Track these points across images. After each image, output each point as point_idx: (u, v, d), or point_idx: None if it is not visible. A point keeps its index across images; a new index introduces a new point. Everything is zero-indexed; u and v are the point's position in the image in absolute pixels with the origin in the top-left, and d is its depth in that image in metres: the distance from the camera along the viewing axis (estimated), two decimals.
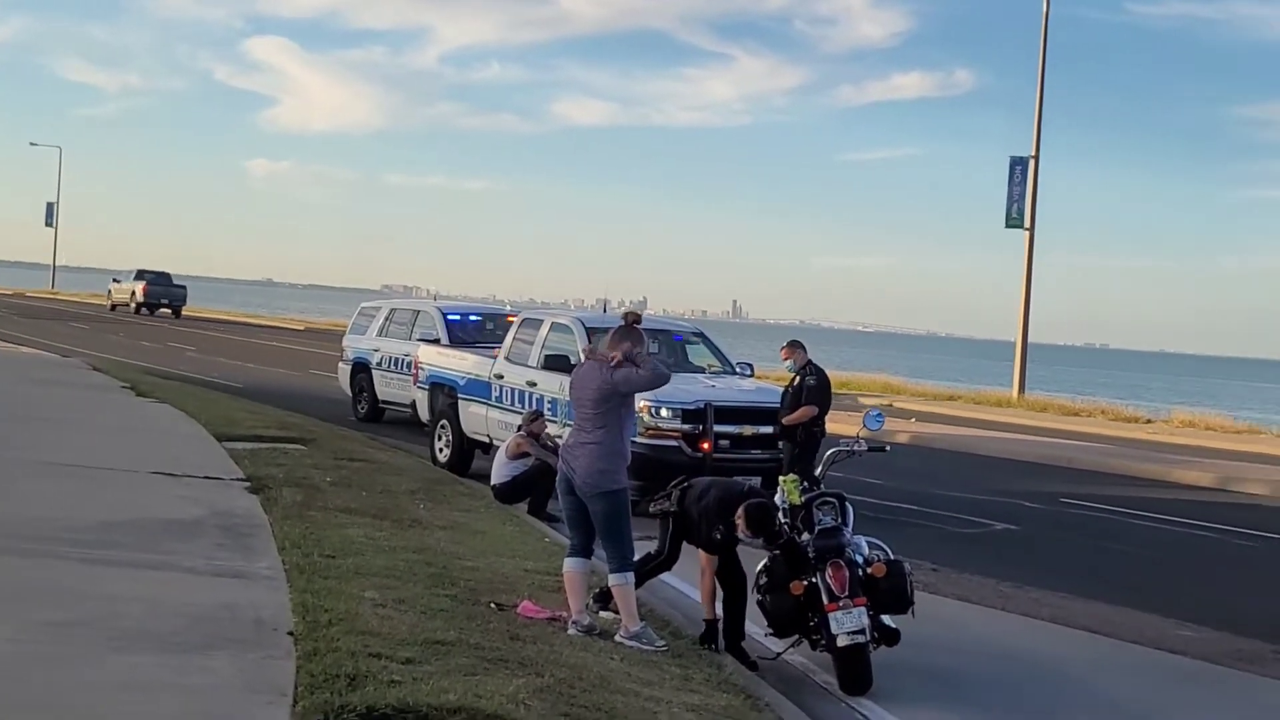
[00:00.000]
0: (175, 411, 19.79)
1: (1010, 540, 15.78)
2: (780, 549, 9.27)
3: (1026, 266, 42.66)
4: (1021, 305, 43.06)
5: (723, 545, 9.29)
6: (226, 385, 28.96)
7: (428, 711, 6.49)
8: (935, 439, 28.16)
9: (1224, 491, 22.41)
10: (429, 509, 13.24)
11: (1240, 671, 10.16)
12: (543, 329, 17.65)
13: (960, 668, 9.76)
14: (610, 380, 8.92)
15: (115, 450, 15.02)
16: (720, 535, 9.20)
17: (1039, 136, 42.12)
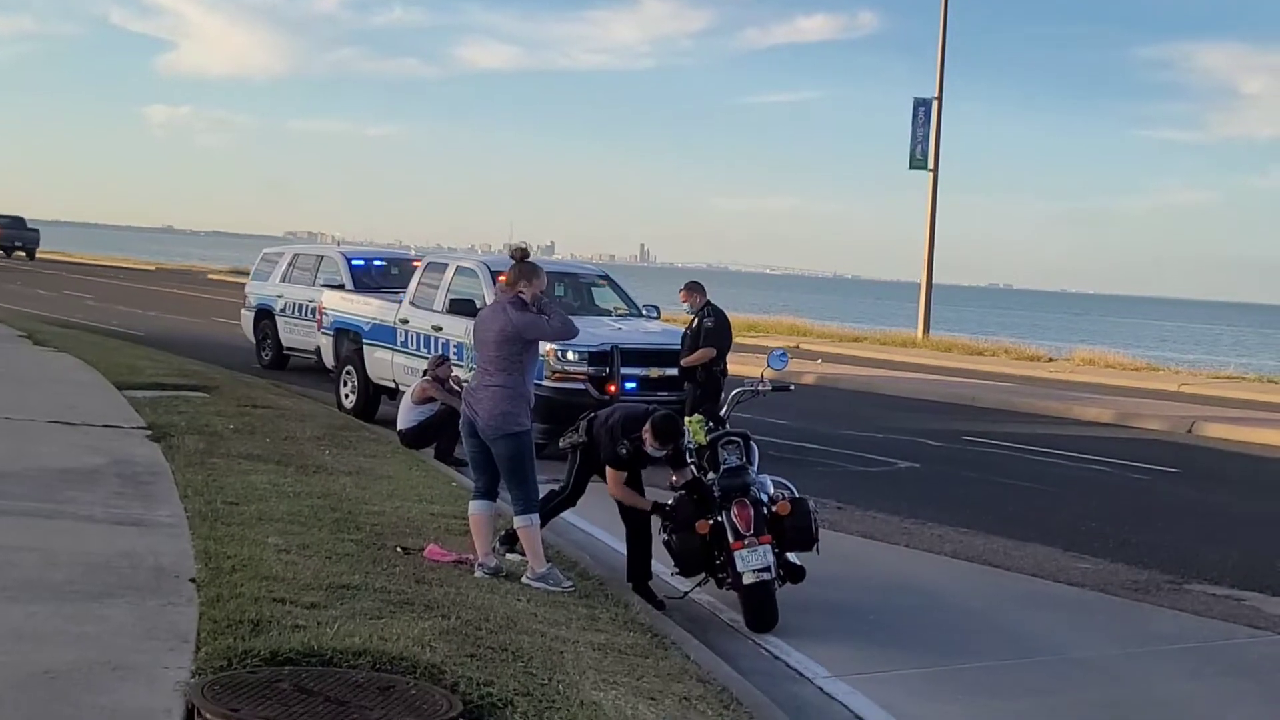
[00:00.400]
0: (74, 360, 19.47)
1: (913, 478, 15.96)
2: (685, 486, 9.32)
3: (930, 208, 42.97)
4: (925, 246, 43.40)
5: (628, 462, 9.28)
6: (126, 333, 28.53)
7: (332, 655, 6.46)
8: (841, 380, 28.38)
9: (1122, 427, 22.79)
10: (334, 455, 13.14)
11: (1135, 601, 10.36)
12: (448, 273, 17.54)
13: (864, 603, 9.87)
14: (513, 324, 8.88)
15: (10, 399, 14.75)
16: (625, 450, 9.21)
17: (942, 78, 42.38)
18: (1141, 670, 8.62)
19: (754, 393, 10.60)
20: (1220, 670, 8.71)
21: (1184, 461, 18.58)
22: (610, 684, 6.72)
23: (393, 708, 5.82)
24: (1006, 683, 8.16)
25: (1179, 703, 8.00)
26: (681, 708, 6.57)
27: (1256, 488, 16.65)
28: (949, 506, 13.87)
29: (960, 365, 34.89)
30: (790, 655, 8.45)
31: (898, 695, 7.74)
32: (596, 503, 10.18)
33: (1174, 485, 16.53)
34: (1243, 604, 10.39)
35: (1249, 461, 19.27)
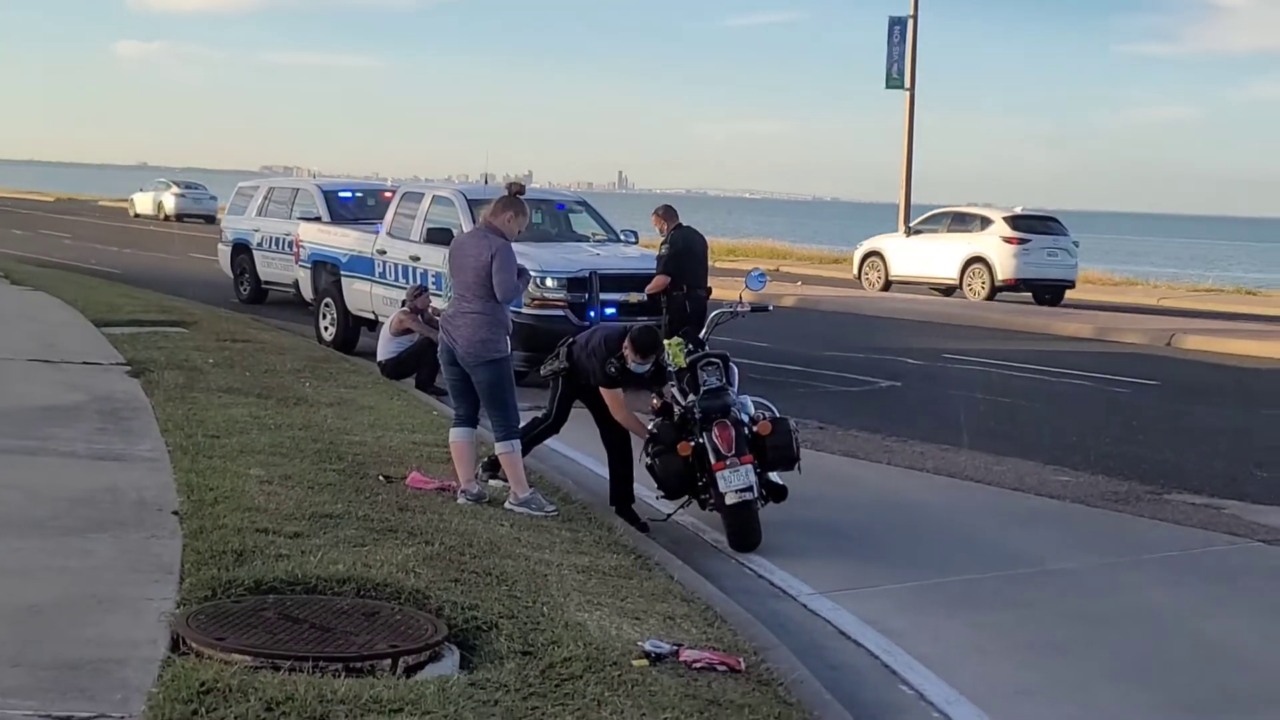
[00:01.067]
0: (52, 299, 19.39)
1: (894, 396, 16.01)
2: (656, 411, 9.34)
3: (907, 127, 42.75)
4: (904, 167, 43.22)
5: (618, 380, 9.29)
6: (105, 272, 28.40)
7: (316, 583, 6.49)
8: (821, 301, 28.40)
9: (1102, 341, 22.87)
10: (315, 387, 13.13)
11: (1115, 512, 10.43)
12: (424, 203, 17.44)
13: (847, 521, 9.93)
14: (493, 251, 8.84)
15: None
16: (614, 369, 9.22)
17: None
18: (1121, 579, 8.69)
19: (733, 314, 10.59)
20: (1200, 577, 8.79)
21: (1163, 374, 18.67)
22: (594, 605, 6.76)
23: (377, 632, 5.85)
24: (987, 595, 8.23)
25: (1158, 610, 8.07)
26: (666, 626, 6.62)
27: (1235, 398, 16.74)
28: (930, 424, 13.93)
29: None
30: (773, 573, 8.50)
31: (880, 610, 7.80)
32: (579, 427, 10.19)
33: (1153, 398, 16.61)
34: (1222, 512, 10.48)
35: (1227, 372, 19.37)
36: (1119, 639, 7.48)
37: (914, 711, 6.35)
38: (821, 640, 7.30)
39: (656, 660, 6.01)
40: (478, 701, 5.21)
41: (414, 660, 5.65)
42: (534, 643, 6.01)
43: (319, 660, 5.45)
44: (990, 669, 6.94)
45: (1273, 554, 9.36)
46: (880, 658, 7.04)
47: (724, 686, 5.81)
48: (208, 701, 4.95)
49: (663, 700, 5.50)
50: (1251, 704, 6.56)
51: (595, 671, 5.71)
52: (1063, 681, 6.76)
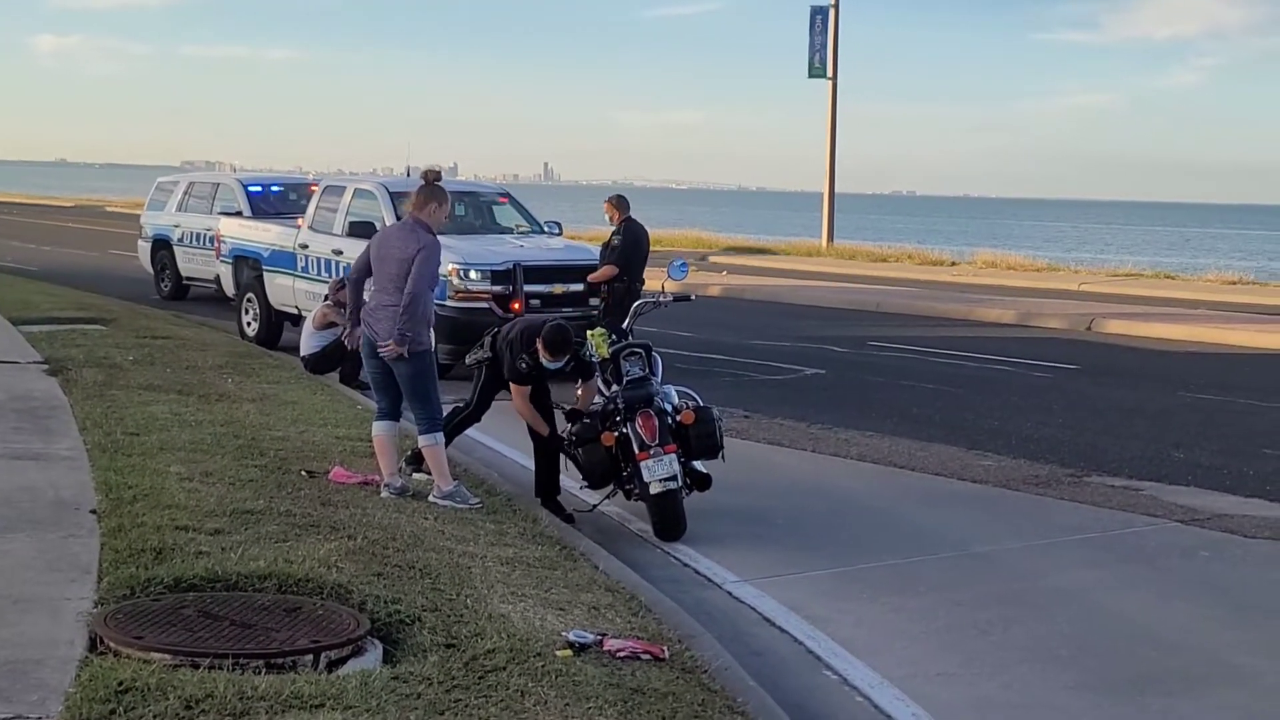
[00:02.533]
0: None
1: (820, 384, 16.09)
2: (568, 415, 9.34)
3: (830, 116, 43.04)
4: (827, 156, 43.53)
5: (528, 376, 9.26)
6: (21, 269, 27.99)
7: (237, 579, 6.45)
8: (746, 290, 28.50)
9: (1023, 327, 23.10)
10: (237, 383, 13.03)
11: (1036, 495, 10.55)
12: (346, 196, 17.32)
13: (772, 508, 9.96)
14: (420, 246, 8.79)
15: None
16: (525, 364, 9.19)
17: None
18: (1042, 561, 8.79)
19: (655, 304, 10.62)
20: (1118, 558, 8.90)
21: (1084, 358, 18.88)
22: (518, 596, 6.76)
23: (299, 628, 5.82)
24: (911, 579, 8.29)
25: (1078, 591, 8.17)
26: (590, 616, 6.62)
27: (1153, 380, 16.94)
28: (855, 411, 14.02)
29: (864, 272, 35.14)
30: (699, 562, 8.53)
31: (804, 596, 7.85)
32: (504, 420, 10.18)
33: (1074, 381, 16.79)
34: (1140, 494, 10.62)
35: (1146, 355, 19.61)
36: (1039, 620, 7.57)
37: (837, 696, 6.39)
38: (746, 627, 7.34)
39: (580, 650, 6.01)
40: (400, 695, 5.19)
41: (336, 655, 5.63)
42: (457, 635, 6.00)
43: (239, 657, 5.42)
44: (912, 652, 7.00)
45: (1189, 534, 9.50)
46: (804, 643, 7.08)
47: (648, 675, 5.83)
48: (126, 701, 4.90)
49: (586, 690, 5.51)
50: (1169, 682, 6.64)
51: (519, 663, 5.71)
52: (984, 663, 6.83)
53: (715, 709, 5.55)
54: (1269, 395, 15.72)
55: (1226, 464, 11.70)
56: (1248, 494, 10.67)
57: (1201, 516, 9.92)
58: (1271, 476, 11.25)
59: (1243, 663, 6.97)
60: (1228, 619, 7.71)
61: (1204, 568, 8.73)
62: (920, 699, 6.29)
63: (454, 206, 17.16)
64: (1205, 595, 8.15)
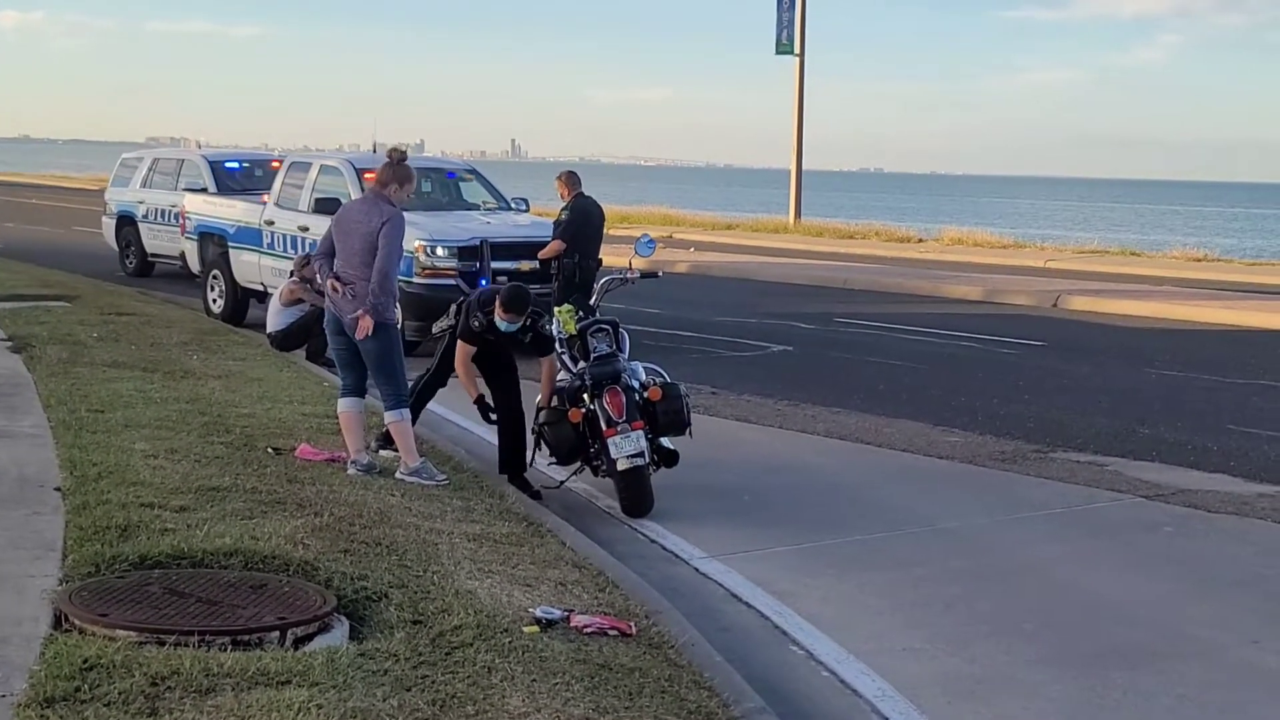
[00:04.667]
0: None
1: (786, 361, 16.11)
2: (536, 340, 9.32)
3: (798, 93, 43.05)
4: (794, 132, 43.55)
5: (478, 336, 9.23)
6: None
7: (203, 556, 6.44)
8: (714, 267, 28.49)
9: (990, 304, 23.17)
10: (202, 360, 12.97)
11: (1002, 471, 10.60)
12: (311, 172, 17.26)
13: (739, 484, 9.99)
14: (383, 219, 8.76)
15: None
16: (478, 322, 9.18)
17: None
18: (1007, 536, 8.84)
19: (623, 281, 10.61)
20: (1083, 533, 8.95)
21: (1050, 335, 18.96)
22: (485, 573, 6.76)
23: (265, 605, 5.81)
24: (877, 555, 8.32)
25: (1043, 566, 8.22)
26: (557, 592, 6.63)
27: (1119, 357, 17.04)
28: (822, 387, 14.04)
29: (832, 249, 35.21)
30: (666, 538, 8.55)
31: (771, 571, 7.87)
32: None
33: (1040, 358, 16.87)
34: (1105, 469, 10.68)
35: (1112, 332, 19.70)
36: (1004, 595, 7.62)
37: (803, 671, 6.42)
38: (713, 603, 7.36)
39: (548, 626, 6.02)
40: (367, 671, 5.19)
41: (302, 632, 5.62)
42: (424, 612, 6.00)
43: (205, 634, 5.40)
44: (878, 627, 7.03)
45: (1154, 509, 9.56)
46: (771, 619, 7.10)
47: (615, 650, 5.84)
48: (91, 678, 4.89)
49: (553, 666, 5.52)
50: (1132, 656, 6.69)
51: (486, 639, 5.72)
52: (949, 638, 6.87)
53: (682, 684, 5.56)
54: (1233, 372, 15.83)
55: (1191, 440, 11.78)
56: (1211, 469, 10.75)
57: (1166, 492, 9.98)
58: (1235, 452, 11.33)
59: (1205, 636, 7.03)
60: (1190, 593, 7.77)
61: (1167, 543, 8.79)
62: (886, 673, 6.32)
63: (421, 183, 17.16)
64: (1168, 570, 8.21)
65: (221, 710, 4.74)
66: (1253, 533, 9.01)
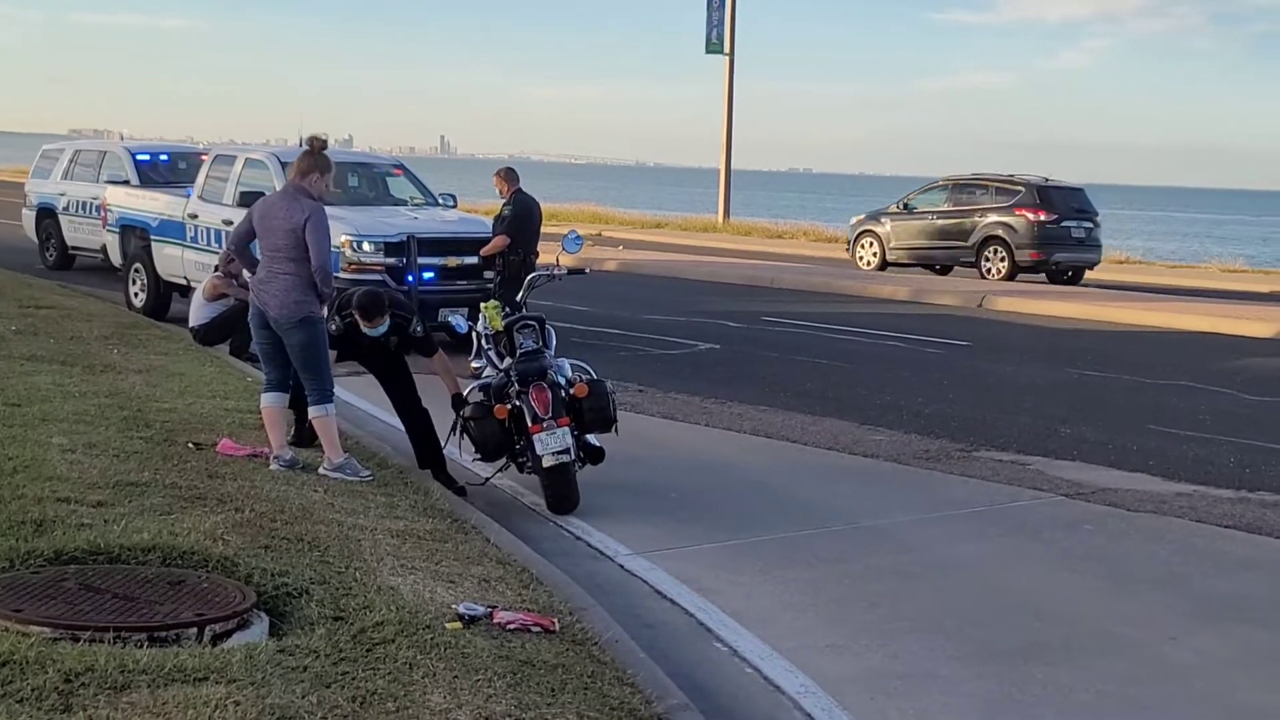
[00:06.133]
0: None
1: (714, 359, 16.14)
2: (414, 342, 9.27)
3: (728, 92, 43.16)
4: (724, 132, 43.66)
5: (336, 339, 9.19)
6: None
7: (120, 552, 6.35)
8: (643, 265, 28.50)
9: (916, 304, 23.33)
10: (123, 354, 12.81)
11: (926, 470, 10.67)
12: (237, 165, 17.09)
13: (665, 482, 9.98)
14: (306, 213, 8.68)
15: None
16: (335, 326, 9.13)
17: None
18: (930, 534, 8.89)
19: (549, 277, 10.59)
20: (1004, 531, 9.02)
21: (975, 335, 19.12)
22: (408, 569, 6.72)
23: (183, 601, 5.74)
24: (801, 552, 8.34)
25: (964, 563, 8.27)
26: (481, 589, 6.59)
27: (1042, 357, 17.20)
28: (749, 385, 14.08)
29: (760, 248, 35.35)
30: (591, 535, 8.53)
31: (696, 569, 7.87)
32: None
33: (965, 358, 17.00)
34: (1027, 468, 10.77)
35: (1035, 332, 19.89)
36: (927, 592, 7.66)
37: (727, 667, 6.42)
38: (637, 600, 7.35)
39: (470, 623, 5.99)
40: (286, 668, 5.14)
41: (221, 628, 5.56)
42: (345, 608, 5.95)
43: (121, 630, 5.33)
44: (802, 624, 7.04)
45: (1074, 507, 9.65)
46: (695, 616, 7.10)
47: (538, 647, 5.82)
48: (3, 674, 4.82)
49: (475, 662, 5.49)
50: (1051, 652, 6.75)
51: (407, 635, 5.68)
52: (872, 634, 6.90)
53: (605, 680, 5.55)
54: (1153, 372, 16.02)
55: (1111, 439, 11.91)
56: (1131, 469, 10.87)
57: (1086, 490, 10.08)
58: (1154, 451, 11.47)
59: (1123, 633, 7.10)
60: (1109, 590, 7.85)
61: (1087, 540, 8.88)
62: (809, 670, 6.34)
63: (348, 178, 17.05)
64: (1088, 567, 8.29)
65: (137, 707, 4.67)
66: (1170, 531, 9.11)
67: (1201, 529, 9.17)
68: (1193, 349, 18.49)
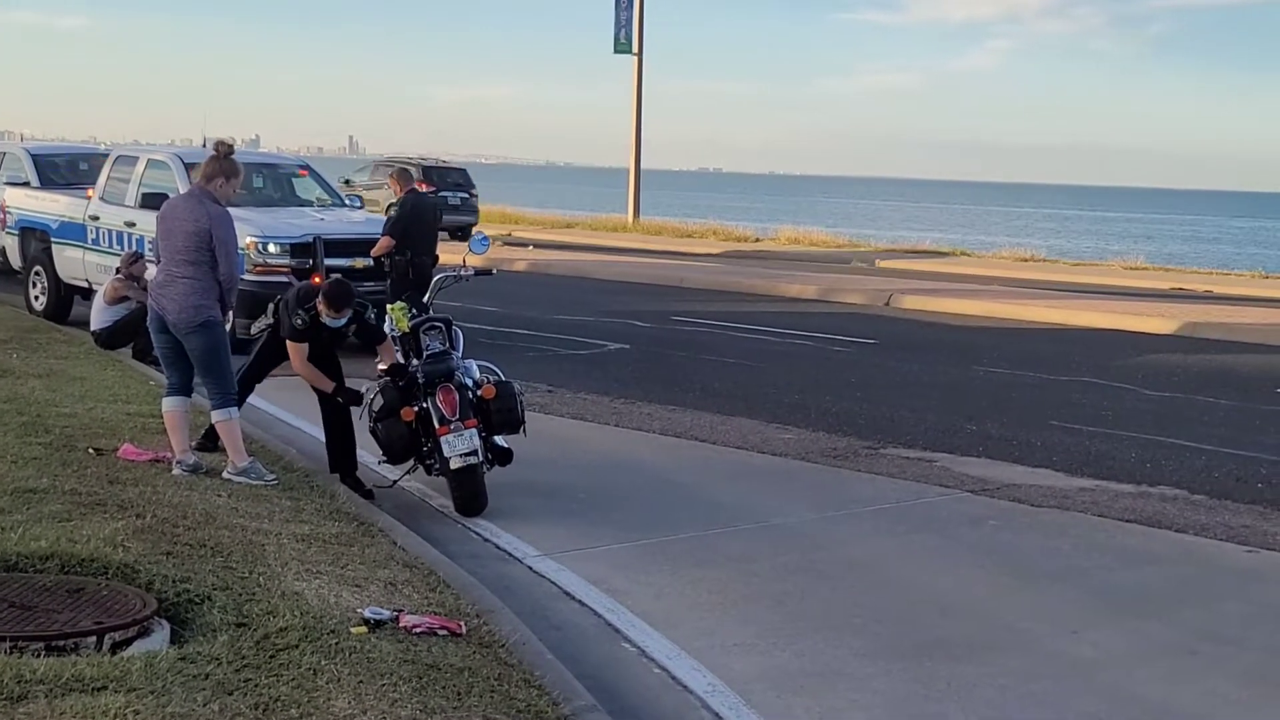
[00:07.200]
0: None
1: (623, 359, 16.15)
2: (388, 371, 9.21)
3: (636, 93, 43.26)
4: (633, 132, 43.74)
5: (304, 333, 9.09)
6: None
7: (17, 560, 6.24)
8: (552, 265, 28.48)
9: (825, 302, 23.50)
10: (22, 358, 12.60)
11: (834, 468, 10.74)
12: (139, 166, 16.88)
13: (574, 483, 9.97)
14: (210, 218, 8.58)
15: None
16: (301, 320, 9.04)
17: None
18: (838, 532, 8.94)
19: (456, 278, 10.53)
20: (911, 528, 9.09)
21: (882, 333, 19.28)
22: (313, 574, 6.65)
23: (82, 609, 5.65)
24: (710, 551, 8.36)
25: (871, 560, 8.33)
26: (387, 592, 6.55)
27: (948, 355, 17.38)
28: (658, 385, 14.10)
29: (670, 248, 35.43)
30: (500, 537, 8.49)
31: (605, 569, 7.87)
32: (303, 396, 10.00)
33: (873, 356, 17.13)
34: (934, 465, 10.88)
35: (942, 330, 20.10)
36: (834, 590, 7.70)
37: (635, 668, 6.42)
38: (545, 601, 7.33)
39: (376, 627, 5.94)
40: (187, 676, 5.07)
41: (121, 636, 5.48)
42: (249, 614, 5.88)
43: (18, 639, 5.24)
44: (710, 624, 7.06)
45: (979, 503, 9.75)
46: (604, 617, 7.09)
47: (444, 651, 5.78)
48: None
49: (381, 667, 5.45)
50: (955, 647, 6.81)
51: (312, 641, 5.62)
52: (779, 632, 6.92)
53: (511, 683, 5.53)
54: (1057, 369, 16.24)
55: (1016, 435, 12.06)
56: (1035, 464, 11.01)
57: (991, 486, 10.20)
58: (1058, 447, 11.62)
59: (1026, 628, 7.18)
60: (1013, 586, 7.94)
61: (992, 536, 8.98)
62: (716, 669, 6.35)
63: (253, 178, 16.88)
64: (992, 563, 8.37)
65: (34, 717, 4.59)
66: (1073, 526, 9.23)
67: (1103, 523, 9.31)
68: (1096, 345, 18.77)
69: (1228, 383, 15.69)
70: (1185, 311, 22.11)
